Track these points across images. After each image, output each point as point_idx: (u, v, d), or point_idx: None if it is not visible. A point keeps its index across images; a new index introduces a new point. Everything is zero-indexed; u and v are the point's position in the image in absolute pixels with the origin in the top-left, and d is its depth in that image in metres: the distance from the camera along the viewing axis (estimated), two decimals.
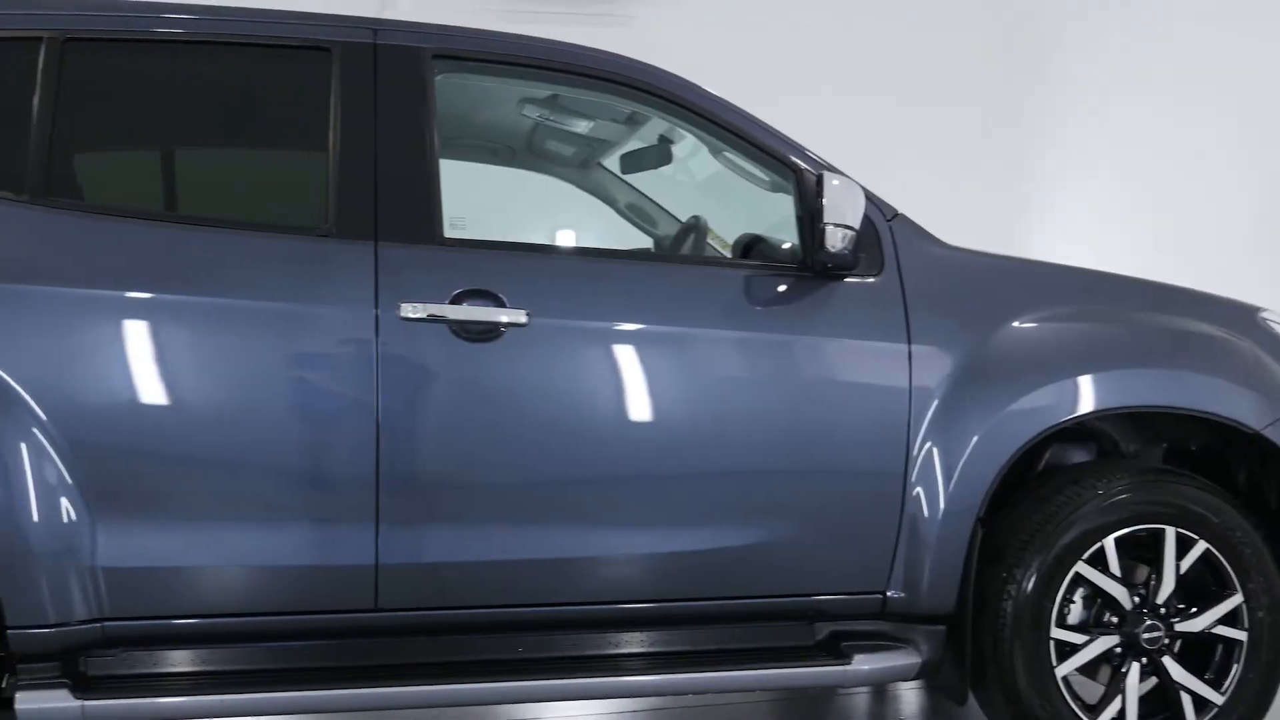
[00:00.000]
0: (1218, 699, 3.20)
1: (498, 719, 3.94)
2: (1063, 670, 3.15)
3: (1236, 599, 3.21)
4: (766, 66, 7.27)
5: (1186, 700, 3.20)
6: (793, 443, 3.08)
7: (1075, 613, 3.21)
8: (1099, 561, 3.16)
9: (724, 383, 3.07)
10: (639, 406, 3.02)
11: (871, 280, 3.17)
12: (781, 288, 3.14)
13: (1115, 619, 3.19)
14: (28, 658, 2.73)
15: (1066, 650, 3.16)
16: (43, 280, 2.73)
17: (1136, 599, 3.20)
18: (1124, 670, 3.19)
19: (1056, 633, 3.14)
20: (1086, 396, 3.18)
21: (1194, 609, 3.21)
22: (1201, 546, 3.19)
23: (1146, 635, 3.17)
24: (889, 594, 3.14)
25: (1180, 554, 3.19)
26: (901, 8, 7.91)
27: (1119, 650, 3.19)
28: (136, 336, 2.77)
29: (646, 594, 3.06)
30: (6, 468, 2.64)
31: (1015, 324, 3.24)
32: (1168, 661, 3.19)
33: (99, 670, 2.81)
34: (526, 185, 4.34)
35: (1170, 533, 3.18)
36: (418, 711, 3.77)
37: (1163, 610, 3.19)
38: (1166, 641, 3.19)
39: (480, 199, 4.10)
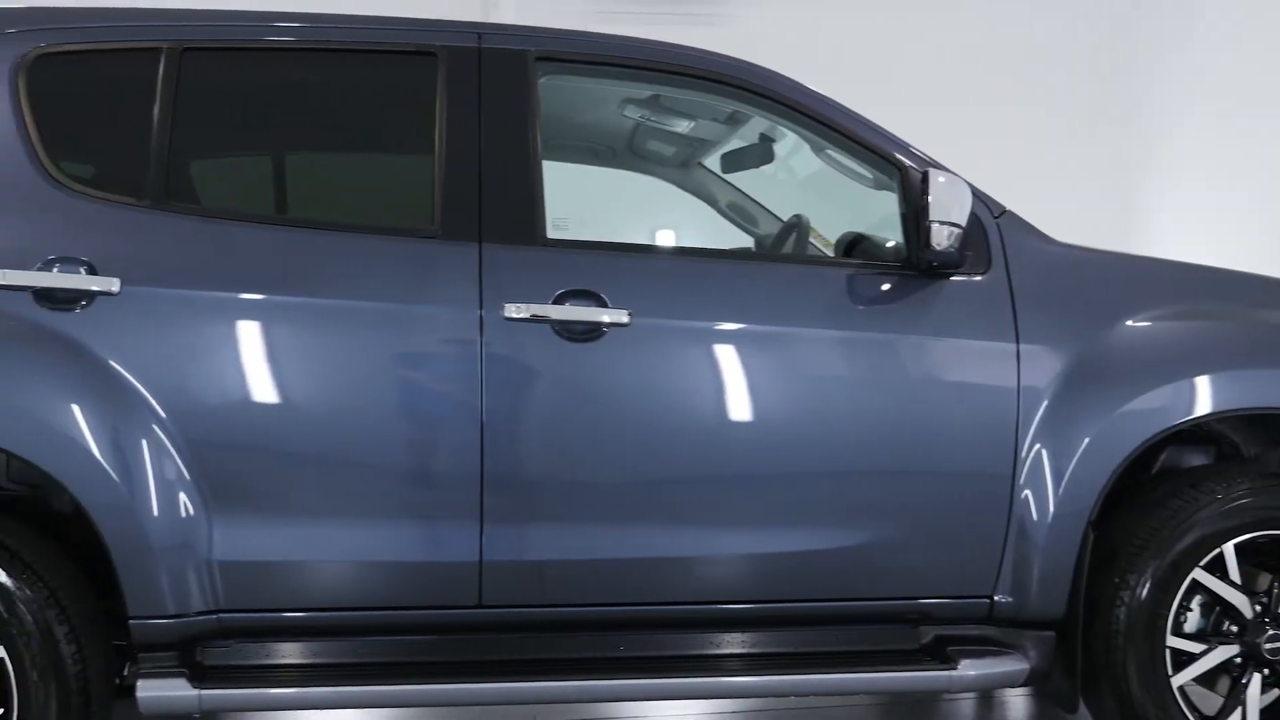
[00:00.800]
0: None
1: (597, 717, 3.96)
2: (1179, 680, 3.06)
3: None
4: (866, 65, 7.19)
5: None
6: (896, 444, 3.04)
7: (1192, 621, 3.11)
8: (1218, 568, 3.06)
9: (826, 382, 3.05)
10: (740, 406, 3.01)
11: (978, 278, 3.11)
12: (885, 286, 3.10)
13: (1235, 628, 3.08)
14: (147, 647, 2.82)
15: (1183, 659, 3.07)
16: (162, 283, 2.83)
17: (1258, 607, 3.08)
18: (1244, 681, 3.08)
19: (1173, 641, 3.05)
20: (1204, 398, 3.08)
21: None
22: None
23: (1269, 645, 3.06)
24: (996, 598, 3.08)
25: None
26: (1004, 6, 7.75)
27: (1239, 660, 3.09)
28: (250, 337, 2.84)
29: (747, 594, 3.04)
30: (129, 464, 2.73)
31: (1129, 322, 3.16)
32: None
33: (215, 660, 2.90)
34: (628, 185, 4.36)
35: None
36: (517, 708, 3.82)
37: None
38: None
39: (582, 200, 4.13)
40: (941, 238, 2.95)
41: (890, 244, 3.21)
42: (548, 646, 3.02)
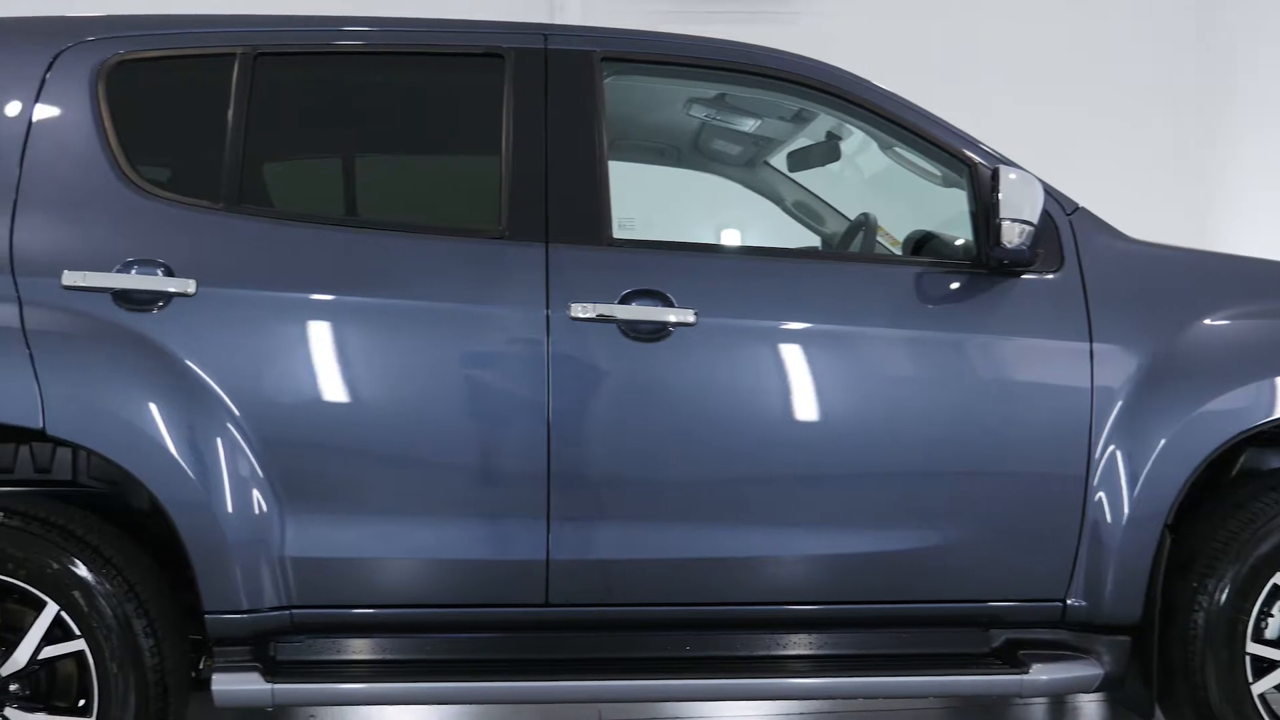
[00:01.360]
0: None
1: (663, 716, 3.97)
2: (1260, 687, 2.98)
3: None
4: (937, 63, 7.10)
5: None
6: (966, 445, 3.01)
7: (1274, 627, 3.03)
8: None
9: (894, 382, 3.02)
10: (807, 406, 2.99)
11: (1050, 276, 3.06)
12: (954, 285, 3.06)
13: None
14: (222, 641, 2.88)
15: (1264, 666, 2.99)
16: (236, 284, 2.88)
17: None
18: None
19: (1253, 648, 2.98)
20: None
21: None
22: None
23: None
24: (1069, 602, 3.03)
25: None
26: (1080, 2, 7.61)
27: None
28: (321, 336, 2.89)
29: (815, 595, 3.02)
30: (204, 462, 2.79)
31: (1207, 321, 3.09)
32: None
33: (287, 655, 2.95)
34: (693, 185, 4.35)
35: None
36: (583, 706, 3.84)
37: None
38: None
39: (648, 199, 4.13)
40: (1013, 235, 2.91)
41: (959, 242, 3.18)
42: (614, 645, 3.03)
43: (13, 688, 2.76)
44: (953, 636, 3.10)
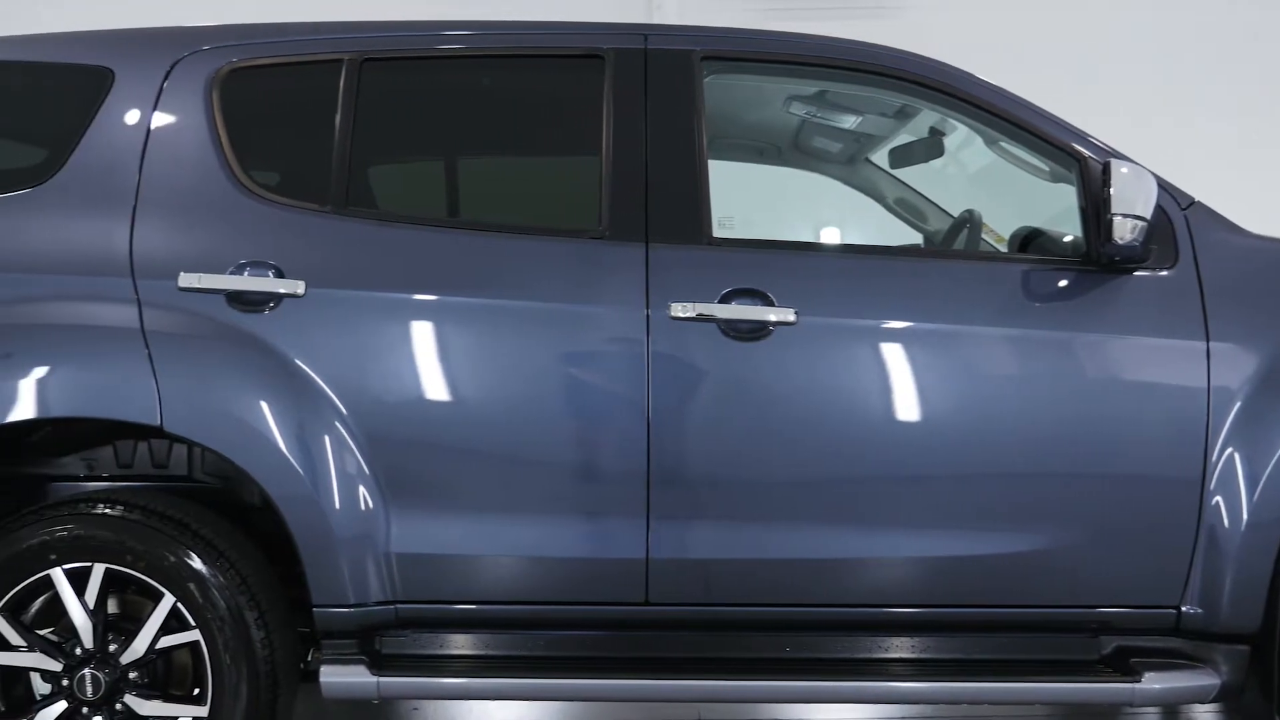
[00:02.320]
0: None
1: (762, 718, 3.95)
2: None
3: None
4: (1040, 56, 6.94)
5: None
6: (1074, 446, 2.94)
7: None
8: None
9: (1000, 382, 2.96)
10: (909, 406, 2.95)
11: (1164, 273, 2.97)
12: (1063, 283, 2.99)
13: None
14: (329, 634, 2.94)
15: None
16: (343, 285, 2.94)
17: None
18: None
19: None
20: None
21: None
22: None
23: None
24: (1184, 609, 2.94)
25: None
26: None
27: None
28: (424, 336, 2.93)
29: (917, 598, 2.99)
30: (313, 459, 2.85)
31: None
32: None
33: (392, 649, 3.00)
34: (793, 183, 4.33)
35: None
36: (682, 705, 3.84)
37: None
38: None
39: (748, 198, 4.12)
40: (1125, 231, 2.83)
41: (1068, 239, 3.10)
42: (714, 645, 3.02)
43: (132, 675, 2.86)
44: (1061, 642, 3.03)
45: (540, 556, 2.93)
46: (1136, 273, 2.97)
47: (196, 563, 2.83)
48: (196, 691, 2.88)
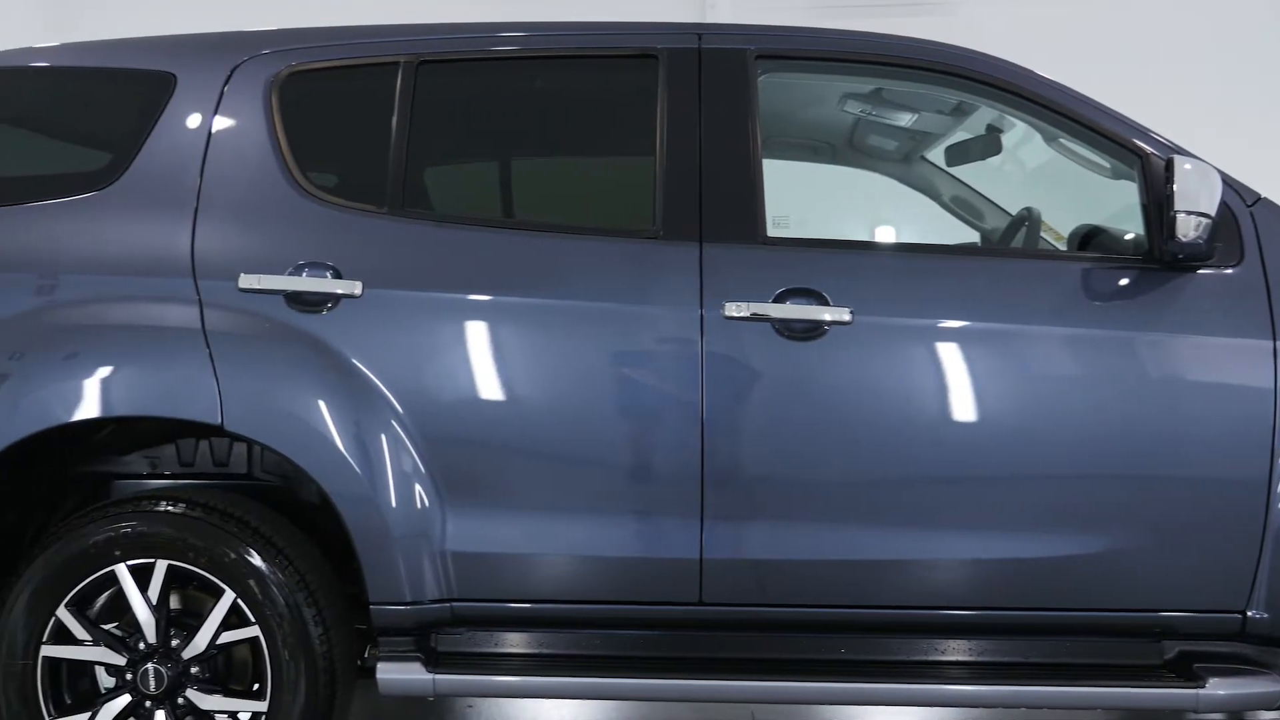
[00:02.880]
0: None
1: (815, 719, 3.93)
2: None
3: None
4: (1098, 52, 6.84)
5: None
6: (1135, 448, 2.89)
7: None
8: None
9: (1059, 382, 2.92)
10: (966, 407, 2.92)
11: (1229, 271, 2.92)
12: (1124, 281, 2.94)
13: None
14: (385, 631, 2.97)
15: None
16: (400, 285, 2.96)
17: None
18: None
19: None
20: None
21: None
22: None
23: None
24: (1250, 614, 2.88)
25: None
26: None
27: None
28: (479, 336, 2.95)
29: (974, 600, 2.95)
30: (370, 458, 2.88)
31: None
32: None
33: (447, 647, 3.02)
34: (848, 181, 4.30)
35: None
36: (737, 706, 3.82)
37: None
38: None
39: (802, 197, 4.10)
40: (1188, 229, 2.79)
41: (1129, 236, 3.06)
42: (769, 646, 3.01)
43: (194, 670, 2.91)
44: (1122, 646, 2.99)
45: (594, 555, 2.94)
46: (1200, 271, 2.92)
47: (256, 560, 2.87)
48: (256, 687, 2.92)
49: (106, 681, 2.96)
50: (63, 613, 2.87)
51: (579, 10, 3.56)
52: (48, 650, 2.88)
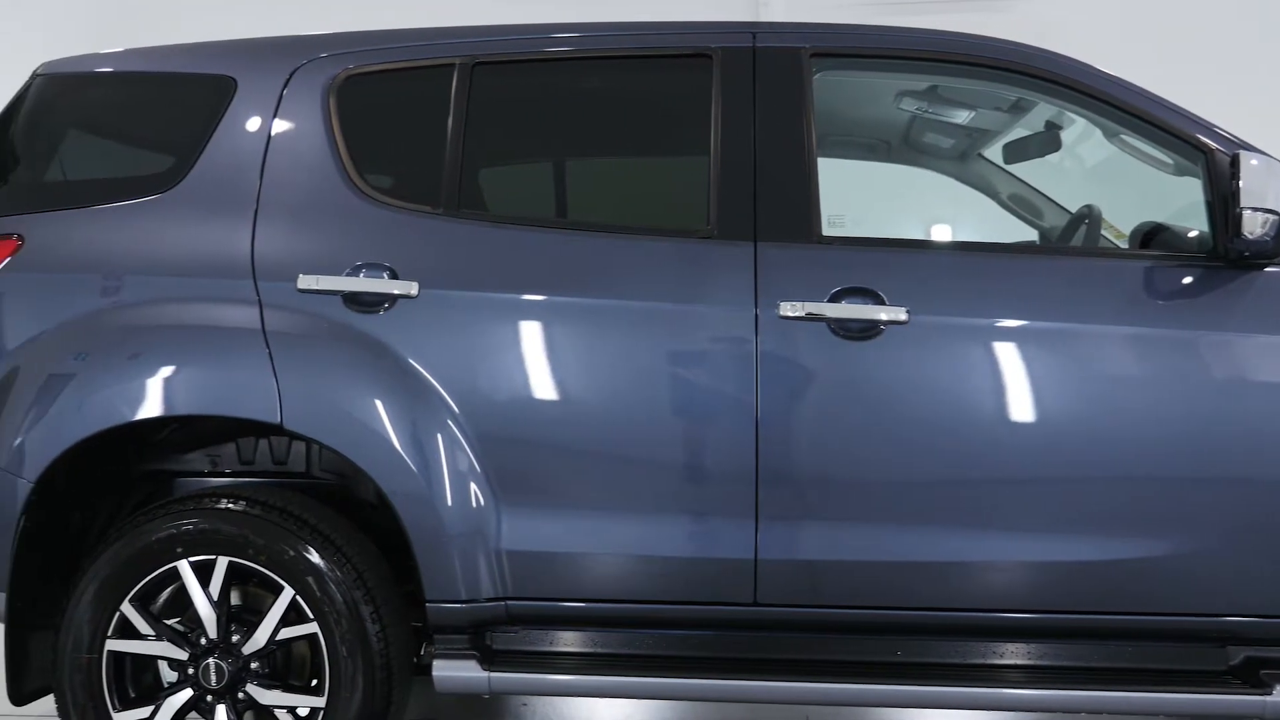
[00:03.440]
0: None
1: None
2: None
3: None
4: (1159, 47, 6.71)
5: None
6: (1199, 449, 2.84)
7: None
8: None
9: (1121, 383, 2.88)
10: (1025, 407, 2.88)
11: None
12: (1187, 280, 2.89)
13: None
14: (441, 629, 2.99)
15: None
16: (455, 286, 2.98)
17: None
18: None
19: None
20: None
21: None
22: None
23: None
24: None
25: None
26: None
27: None
28: (534, 336, 2.96)
29: (1032, 603, 2.92)
30: (426, 457, 2.90)
31: None
32: None
33: (503, 645, 3.03)
34: (905, 180, 4.26)
35: None
36: (791, 708, 3.80)
37: None
38: None
39: (858, 195, 4.07)
40: (1255, 225, 2.74)
41: (1193, 234, 3.00)
42: (824, 648, 3.00)
43: (254, 665, 2.95)
44: (1185, 652, 2.94)
45: (649, 555, 2.94)
46: (1268, 269, 2.86)
47: (314, 557, 2.90)
48: (314, 682, 2.96)
49: (169, 676, 3.01)
50: (127, 608, 2.93)
51: (633, 10, 3.56)
52: (112, 644, 2.94)
